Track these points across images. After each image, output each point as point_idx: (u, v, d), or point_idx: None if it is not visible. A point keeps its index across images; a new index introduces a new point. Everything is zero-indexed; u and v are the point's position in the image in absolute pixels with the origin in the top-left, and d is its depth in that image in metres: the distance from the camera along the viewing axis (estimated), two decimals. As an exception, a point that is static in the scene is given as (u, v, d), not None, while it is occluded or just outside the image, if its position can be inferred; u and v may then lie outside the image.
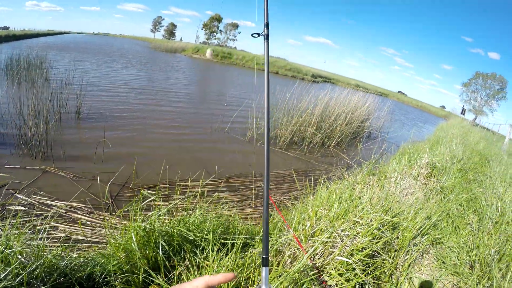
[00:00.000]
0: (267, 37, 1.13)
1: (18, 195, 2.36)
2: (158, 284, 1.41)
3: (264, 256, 0.72)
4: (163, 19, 76.74)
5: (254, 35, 1.17)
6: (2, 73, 6.19)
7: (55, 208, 2.33)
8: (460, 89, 48.96)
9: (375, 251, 1.79)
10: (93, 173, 3.03)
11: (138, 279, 1.41)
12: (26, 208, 2.25)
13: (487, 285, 1.90)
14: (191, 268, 1.45)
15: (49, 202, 2.40)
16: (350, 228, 1.72)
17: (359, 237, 1.70)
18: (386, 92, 52.97)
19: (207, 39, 61.03)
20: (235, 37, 62.63)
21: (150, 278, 1.41)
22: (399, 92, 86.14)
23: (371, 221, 1.81)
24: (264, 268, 0.69)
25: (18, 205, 2.27)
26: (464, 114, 44.94)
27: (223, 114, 6.17)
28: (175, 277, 1.45)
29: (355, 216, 1.83)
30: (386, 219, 1.97)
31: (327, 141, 5.73)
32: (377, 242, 1.81)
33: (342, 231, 1.70)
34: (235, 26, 62.16)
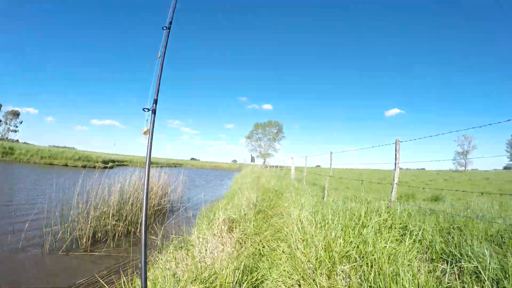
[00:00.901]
0: (154, 112, 1.43)
1: None
2: None
3: None
4: None
5: (144, 109, 1.42)
6: None
7: None
8: (245, 141, 58.96)
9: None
10: None
11: None
12: None
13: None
14: None
15: None
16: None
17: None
18: (180, 162, 58.37)
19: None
20: (16, 127, 53.51)
21: None
22: (192, 159, 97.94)
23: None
24: None
25: None
26: (253, 161, 55.28)
27: (13, 228, 4.91)
28: None
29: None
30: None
31: (132, 228, 5.43)
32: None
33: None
34: (16, 114, 53.13)
